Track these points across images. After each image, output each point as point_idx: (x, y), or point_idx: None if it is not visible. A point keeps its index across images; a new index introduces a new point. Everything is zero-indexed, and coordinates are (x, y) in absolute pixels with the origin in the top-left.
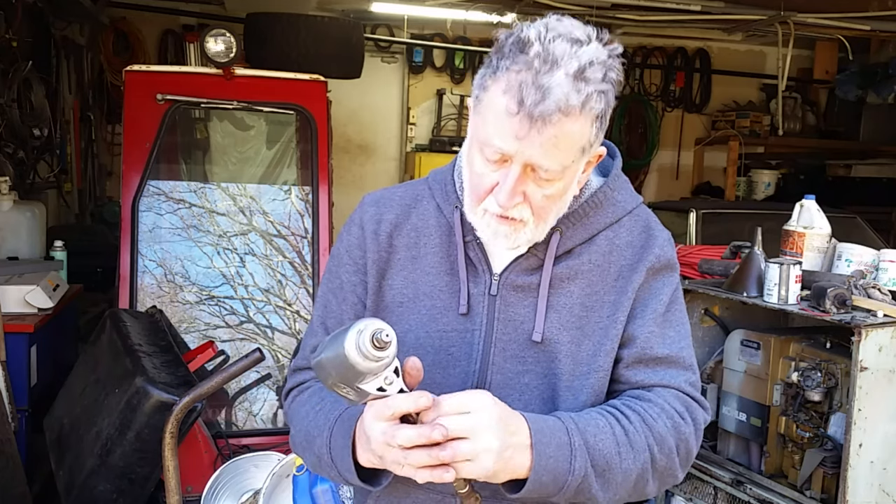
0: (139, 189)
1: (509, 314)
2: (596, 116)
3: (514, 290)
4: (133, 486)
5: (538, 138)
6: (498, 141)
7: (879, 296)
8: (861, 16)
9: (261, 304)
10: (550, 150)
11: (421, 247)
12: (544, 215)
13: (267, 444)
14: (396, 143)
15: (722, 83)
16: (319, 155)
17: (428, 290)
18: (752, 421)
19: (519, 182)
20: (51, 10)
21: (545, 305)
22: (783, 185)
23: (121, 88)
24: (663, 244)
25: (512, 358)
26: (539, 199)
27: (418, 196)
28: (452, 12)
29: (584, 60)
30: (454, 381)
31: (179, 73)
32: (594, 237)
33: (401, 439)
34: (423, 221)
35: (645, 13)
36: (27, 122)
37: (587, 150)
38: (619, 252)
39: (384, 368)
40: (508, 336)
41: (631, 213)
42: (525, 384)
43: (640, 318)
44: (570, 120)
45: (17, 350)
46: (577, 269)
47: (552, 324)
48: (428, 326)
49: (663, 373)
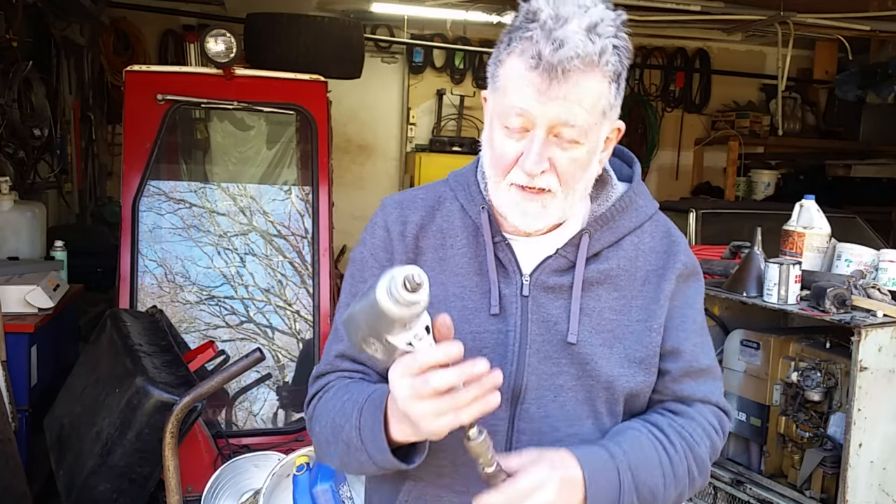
0: (139, 189)
1: (542, 315)
2: (613, 75)
3: (545, 291)
4: (133, 485)
5: (560, 90)
6: (519, 102)
7: (879, 296)
8: (861, 16)
9: (261, 304)
10: (573, 106)
11: (447, 248)
12: (572, 183)
13: (267, 444)
14: (396, 143)
15: (722, 83)
16: (319, 155)
17: (457, 291)
18: (752, 421)
19: (544, 147)
20: (51, 10)
21: (578, 307)
22: (783, 185)
23: (121, 88)
24: (686, 250)
25: (546, 360)
26: (565, 163)
27: (441, 197)
28: (452, 12)
29: (594, 18)
30: None
31: (179, 73)
32: (620, 241)
33: (436, 381)
34: (449, 223)
35: (645, 13)
36: (27, 122)
37: (607, 114)
38: (645, 257)
39: (415, 319)
40: (542, 337)
41: (651, 218)
42: (560, 385)
43: (681, 329)
44: (588, 72)
45: (18, 350)
46: (605, 272)
47: (584, 326)
48: (460, 328)
49: (706, 386)
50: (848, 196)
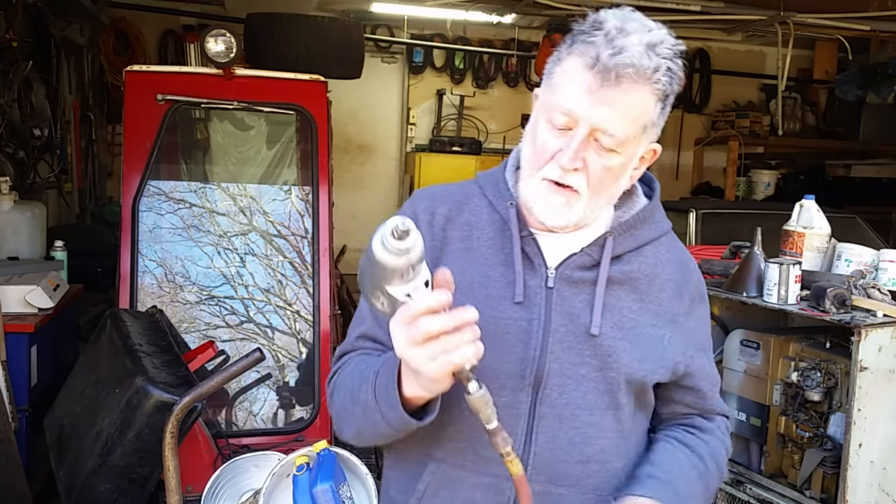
0: (139, 189)
1: (566, 307)
2: (662, 94)
3: (569, 284)
4: (133, 485)
5: (609, 94)
6: (567, 101)
7: (879, 296)
8: (861, 16)
9: (261, 304)
10: (617, 114)
11: (474, 240)
12: (600, 190)
13: (267, 444)
14: (396, 143)
15: (722, 83)
16: (319, 155)
17: (482, 279)
18: (752, 421)
19: (582, 146)
20: (51, 10)
21: (602, 302)
22: (783, 185)
23: (121, 88)
24: (698, 270)
25: (569, 349)
26: (598, 169)
27: (469, 194)
28: (452, 12)
29: (655, 38)
30: (510, 368)
31: (179, 73)
32: (641, 248)
33: (426, 326)
34: (476, 217)
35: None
36: (27, 122)
37: (648, 131)
38: (663, 266)
39: (411, 272)
40: (566, 328)
41: (666, 234)
42: (582, 375)
43: (702, 349)
44: (639, 84)
45: (18, 350)
46: (627, 274)
47: (606, 321)
48: (484, 314)
49: (718, 398)
50: (848, 196)
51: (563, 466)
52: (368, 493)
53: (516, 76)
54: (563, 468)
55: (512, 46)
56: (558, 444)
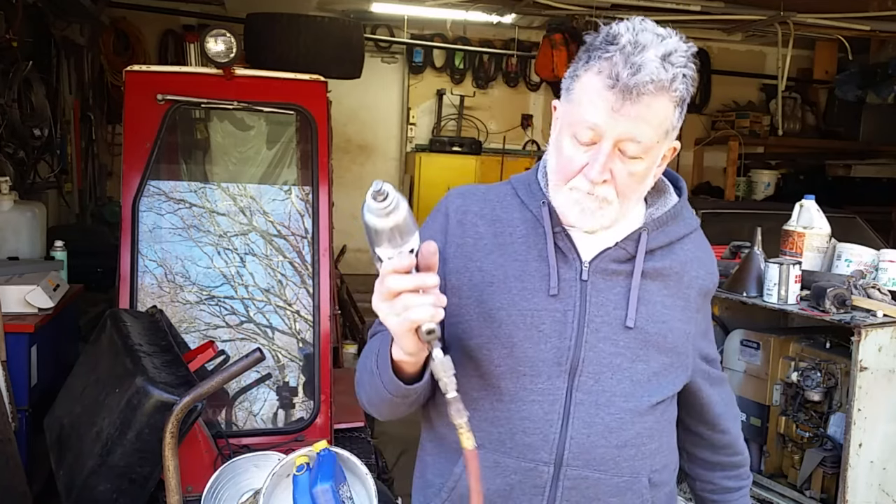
0: (139, 189)
1: (601, 299)
2: (679, 100)
3: (603, 278)
4: (133, 485)
5: (632, 110)
6: (591, 117)
7: (879, 296)
8: (861, 16)
9: (261, 304)
10: (641, 124)
11: (507, 236)
12: (629, 194)
13: (267, 444)
14: (396, 143)
15: (722, 83)
16: (319, 155)
17: (517, 273)
18: (752, 421)
19: (608, 159)
20: (51, 10)
21: (637, 295)
22: (783, 185)
23: (121, 88)
24: (716, 269)
25: (605, 339)
26: (624, 177)
27: (502, 193)
28: (452, 12)
29: (669, 48)
30: (546, 356)
31: (179, 73)
32: (672, 245)
33: (390, 283)
34: (508, 214)
35: (645, 13)
36: (27, 122)
37: (669, 134)
38: (691, 264)
39: (398, 236)
40: (601, 319)
41: (695, 231)
42: (617, 365)
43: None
44: (659, 95)
45: (18, 350)
46: (659, 269)
47: (641, 314)
48: (519, 305)
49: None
50: (848, 196)
51: (601, 451)
52: (368, 493)
53: (516, 76)
54: (600, 452)
55: (512, 46)
56: (595, 429)
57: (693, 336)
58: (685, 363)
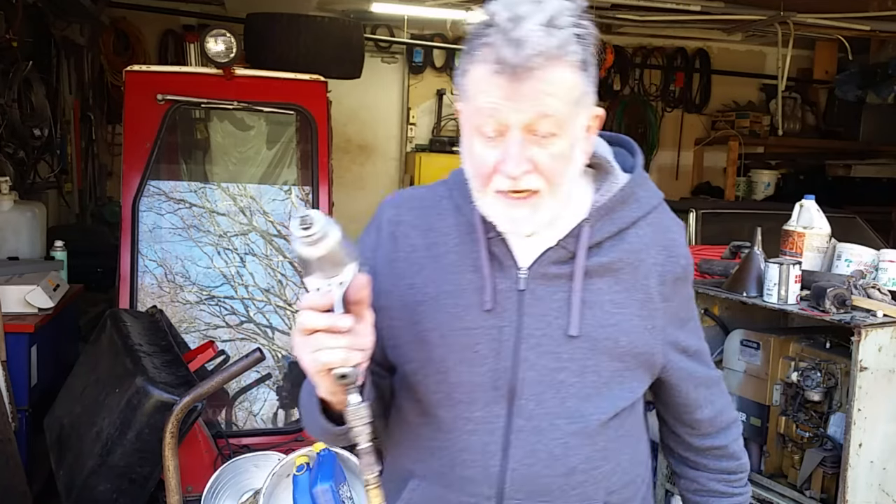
0: (139, 189)
1: (540, 309)
2: (580, 63)
3: (543, 283)
4: (133, 485)
5: (527, 89)
6: (490, 108)
7: (879, 296)
8: (861, 16)
9: (261, 304)
10: (543, 100)
11: (441, 246)
12: (556, 179)
13: (267, 444)
14: (396, 143)
15: (722, 83)
16: (319, 155)
17: (451, 288)
18: (752, 421)
19: (523, 148)
20: (51, 10)
21: (580, 299)
22: (783, 185)
23: (121, 88)
24: (686, 251)
25: (546, 354)
26: (546, 160)
27: (438, 197)
28: (452, 12)
29: (550, 11)
30: (482, 380)
31: (179, 73)
32: (623, 233)
33: (301, 320)
34: (442, 221)
35: (645, 13)
36: (27, 122)
37: (582, 102)
38: (647, 251)
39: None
40: (541, 331)
41: (655, 209)
42: (561, 382)
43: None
44: (552, 65)
45: (18, 350)
46: (607, 264)
47: (587, 320)
48: (451, 324)
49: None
50: (848, 196)
51: (545, 481)
52: None
53: None
54: (544, 483)
55: None
56: (538, 457)
57: (660, 329)
58: (647, 362)
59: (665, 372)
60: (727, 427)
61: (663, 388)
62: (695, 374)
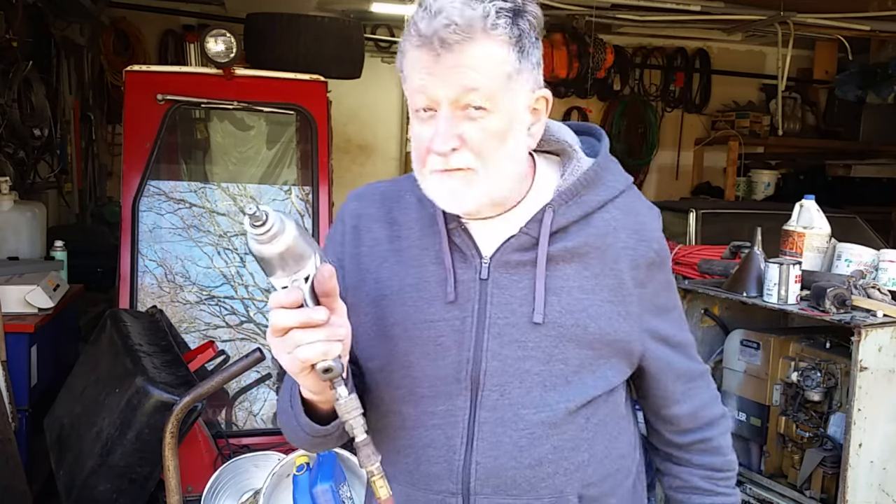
0: (139, 189)
1: (504, 297)
2: (510, 38)
3: (506, 271)
4: (133, 485)
5: (449, 61)
6: (417, 83)
7: (879, 296)
8: (861, 16)
9: (261, 304)
10: (465, 73)
11: (403, 240)
12: (490, 156)
13: (267, 444)
14: (396, 143)
15: (722, 83)
16: (319, 155)
17: (413, 281)
18: (752, 421)
19: (451, 124)
20: (51, 10)
21: (543, 285)
22: (783, 185)
23: (121, 88)
24: (658, 234)
25: (510, 343)
26: (476, 135)
27: (401, 190)
28: None
29: None
30: (446, 372)
31: (179, 73)
32: (589, 217)
33: (274, 319)
34: (405, 215)
35: (645, 13)
36: (27, 122)
37: (515, 79)
38: (615, 234)
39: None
40: (505, 320)
41: (622, 193)
42: (525, 371)
43: (651, 314)
44: (474, 39)
45: (18, 350)
46: (573, 250)
47: (552, 306)
48: (414, 318)
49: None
50: (848, 196)
51: (511, 473)
52: None
53: None
54: (510, 475)
55: None
56: (503, 449)
57: (636, 316)
58: (623, 350)
59: (644, 360)
60: (710, 423)
61: (643, 379)
62: (675, 365)
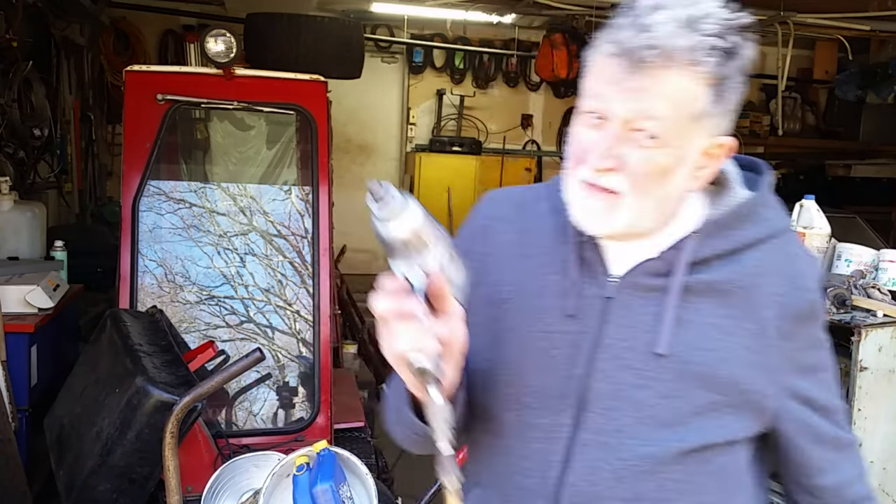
0: (139, 189)
1: (628, 320)
2: (711, 79)
3: (634, 294)
4: (133, 485)
5: (637, 82)
6: (592, 94)
7: (879, 296)
8: (861, 16)
9: (261, 303)
10: (651, 98)
11: (531, 246)
12: (644, 189)
13: (267, 444)
14: (396, 143)
15: None
16: (319, 155)
17: (535, 289)
18: None
19: (616, 141)
20: (51, 10)
21: (673, 315)
22: (783, 185)
23: (121, 88)
24: (815, 285)
25: (626, 368)
26: (638, 162)
27: (536, 197)
28: (452, 12)
29: (697, 12)
30: (554, 386)
31: (179, 73)
32: (737, 253)
33: (374, 305)
34: (536, 223)
35: None
36: (27, 122)
37: (701, 121)
38: (767, 278)
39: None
40: (624, 343)
41: (780, 234)
42: (638, 400)
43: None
44: (672, 67)
45: (18, 350)
46: (713, 284)
47: (681, 339)
48: (531, 326)
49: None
50: (848, 196)
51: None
52: (368, 493)
53: (516, 76)
54: None
55: (512, 46)
56: (601, 476)
57: (775, 370)
58: (754, 403)
59: (780, 422)
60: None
61: (779, 442)
62: (817, 430)
